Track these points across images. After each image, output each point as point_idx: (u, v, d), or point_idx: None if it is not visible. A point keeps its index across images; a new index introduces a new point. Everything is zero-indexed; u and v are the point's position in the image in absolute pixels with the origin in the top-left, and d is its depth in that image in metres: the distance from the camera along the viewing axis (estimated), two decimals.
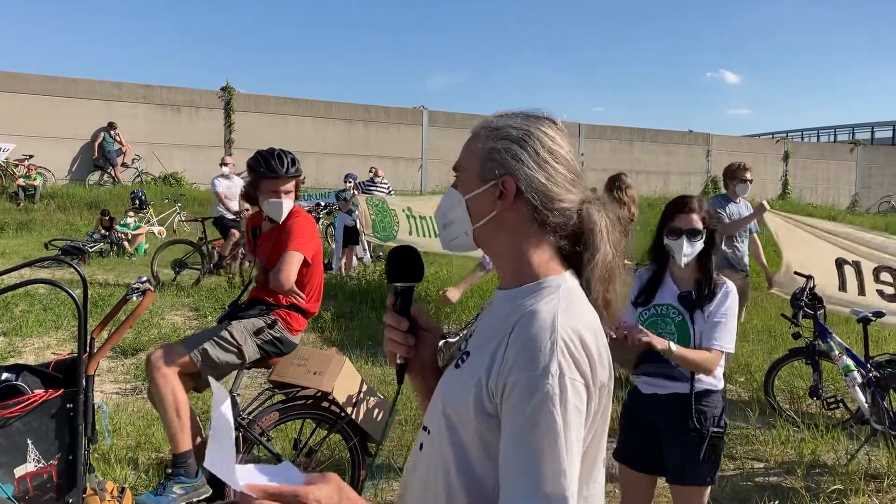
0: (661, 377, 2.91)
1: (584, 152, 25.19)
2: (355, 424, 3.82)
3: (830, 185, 30.22)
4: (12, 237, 14.52)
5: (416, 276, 1.46)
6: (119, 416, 5.17)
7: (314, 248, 3.80)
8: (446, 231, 1.44)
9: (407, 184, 22.01)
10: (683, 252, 2.93)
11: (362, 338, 7.74)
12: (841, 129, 40.01)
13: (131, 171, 19.21)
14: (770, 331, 8.32)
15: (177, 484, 3.47)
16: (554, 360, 1.19)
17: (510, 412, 1.20)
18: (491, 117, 1.42)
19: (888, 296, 5.64)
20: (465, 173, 1.40)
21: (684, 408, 2.90)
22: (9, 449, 2.95)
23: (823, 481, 4.52)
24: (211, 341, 3.60)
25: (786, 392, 6.24)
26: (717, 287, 2.96)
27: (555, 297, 1.29)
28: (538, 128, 1.37)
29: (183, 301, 9.45)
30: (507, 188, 1.34)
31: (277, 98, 21.68)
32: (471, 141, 1.41)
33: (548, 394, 1.18)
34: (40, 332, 7.57)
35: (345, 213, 11.98)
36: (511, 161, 1.35)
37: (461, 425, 1.29)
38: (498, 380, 1.23)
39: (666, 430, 2.95)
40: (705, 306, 2.92)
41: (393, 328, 1.44)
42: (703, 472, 2.91)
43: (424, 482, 1.36)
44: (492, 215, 1.36)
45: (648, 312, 3.01)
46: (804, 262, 6.30)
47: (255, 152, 3.85)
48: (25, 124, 17.89)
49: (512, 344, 1.24)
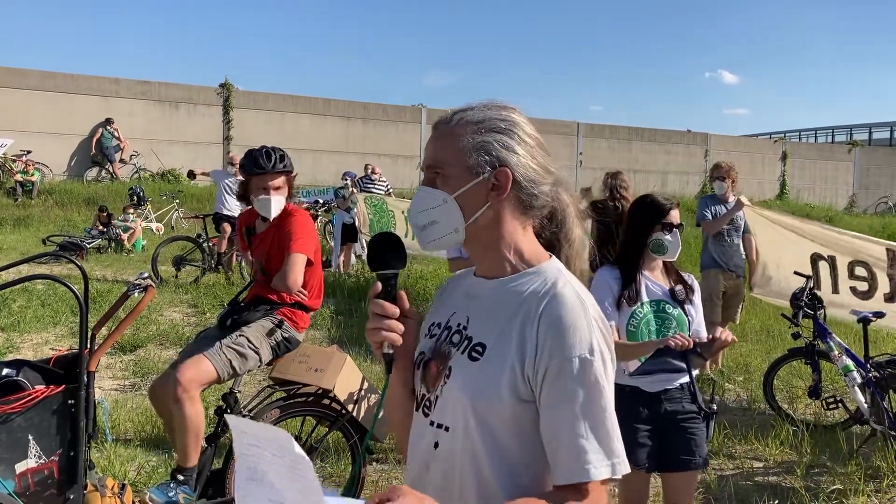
0: (664, 372, 2.95)
1: (582, 151, 25.22)
2: (356, 422, 3.82)
3: (828, 185, 30.25)
4: (10, 233, 14.48)
5: (399, 262, 1.44)
6: (118, 412, 5.17)
7: (314, 246, 3.80)
8: (427, 231, 1.41)
9: (405, 182, 21.98)
10: (676, 244, 3.08)
11: (361, 335, 7.67)
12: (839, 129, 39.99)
13: (129, 167, 19.16)
14: (768, 330, 8.33)
15: (182, 493, 3.47)
16: (594, 339, 1.29)
17: (562, 392, 1.27)
18: (459, 112, 1.42)
19: (860, 293, 5.63)
20: (449, 169, 1.38)
21: (689, 394, 3.03)
22: (10, 445, 2.94)
23: (823, 481, 4.53)
24: (233, 353, 3.59)
25: (785, 392, 6.25)
26: (692, 280, 3.19)
27: (562, 278, 1.36)
28: (517, 115, 1.41)
29: (182, 298, 9.43)
30: (502, 179, 1.36)
31: (276, 95, 21.64)
32: (447, 138, 1.39)
33: (597, 370, 1.28)
34: (38, 328, 7.56)
35: (343, 210, 11.97)
36: (504, 151, 1.37)
37: (494, 417, 1.31)
38: (536, 365, 1.29)
39: (675, 419, 3.03)
40: (693, 298, 3.12)
41: (381, 316, 1.40)
42: (706, 454, 3.07)
43: (445, 480, 1.36)
44: (485, 208, 1.37)
45: (645, 308, 3.04)
46: (780, 259, 6.32)
47: (246, 151, 3.86)
48: (23, 120, 17.83)
49: (546, 329, 1.30)
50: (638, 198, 3.26)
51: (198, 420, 3.46)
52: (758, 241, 6.54)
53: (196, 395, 3.47)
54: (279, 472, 1.09)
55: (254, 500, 1.10)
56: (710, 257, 6.41)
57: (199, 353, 3.55)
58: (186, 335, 7.36)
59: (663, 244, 3.06)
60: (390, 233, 1.49)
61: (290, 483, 1.08)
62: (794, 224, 6.23)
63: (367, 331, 1.41)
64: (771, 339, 7.98)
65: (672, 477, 3.08)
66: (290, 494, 1.08)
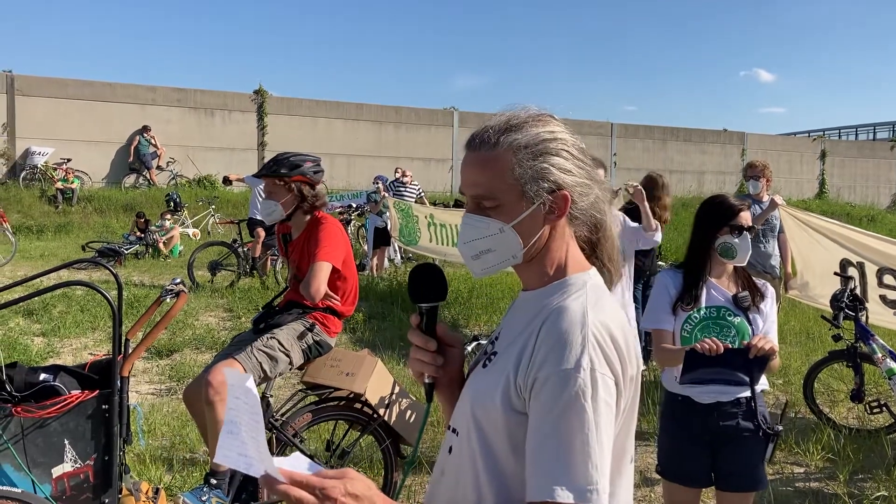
0: (720, 383, 2.80)
1: (616, 152, 25.01)
2: (388, 426, 3.80)
3: (869, 183, 29.60)
4: (51, 239, 14.80)
5: (440, 294, 1.44)
6: (154, 416, 5.22)
7: (343, 254, 3.76)
8: (481, 259, 1.37)
9: (437, 185, 22.01)
10: (747, 247, 2.94)
11: (394, 339, 7.74)
12: (881, 126, 39.10)
13: (166, 173, 19.47)
14: (808, 332, 8.17)
15: (215, 497, 3.48)
16: (585, 355, 1.21)
17: (541, 406, 1.21)
18: (503, 133, 1.33)
19: (891, 301, 5.44)
20: (503, 197, 1.32)
21: (748, 411, 2.85)
22: (46, 449, 2.98)
23: (867, 487, 4.41)
24: (264, 355, 3.59)
25: (826, 395, 6.10)
26: (765, 287, 2.99)
27: (582, 293, 1.32)
28: (560, 129, 1.37)
29: (217, 302, 9.53)
30: (561, 203, 1.33)
31: (309, 101, 21.82)
32: (496, 165, 1.32)
33: (579, 388, 1.19)
34: (77, 333, 7.69)
35: (375, 214, 12.02)
36: (561, 175, 1.33)
37: (489, 424, 1.30)
38: (527, 376, 1.25)
39: (730, 436, 2.87)
40: (761, 306, 2.93)
41: (420, 348, 1.43)
42: (763, 475, 2.91)
43: (454, 484, 1.36)
44: (542, 231, 1.34)
45: (701, 314, 2.91)
46: (810, 262, 6.16)
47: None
48: (63, 128, 18.23)
49: (542, 340, 1.26)
50: (706, 199, 3.14)
51: None
52: (790, 241, 6.41)
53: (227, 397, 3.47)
54: (248, 422, 1.13)
55: (224, 452, 1.14)
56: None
57: (230, 357, 3.57)
58: (222, 339, 7.43)
59: (732, 247, 2.92)
60: (432, 264, 1.48)
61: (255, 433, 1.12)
62: (825, 227, 6.07)
63: (410, 360, 1.45)
64: (811, 342, 7.82)
65: (724, 496, 2.94)
66: (252, 446, 1.12)
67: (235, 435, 1.14)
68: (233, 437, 1.14)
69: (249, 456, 1.12)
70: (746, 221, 2.96)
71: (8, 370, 3.13)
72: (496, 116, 1.38)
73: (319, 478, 1.12)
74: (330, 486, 1.11)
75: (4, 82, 17.98)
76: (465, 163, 1.37)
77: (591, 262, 1.42)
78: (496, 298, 9.43)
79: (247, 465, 1.12)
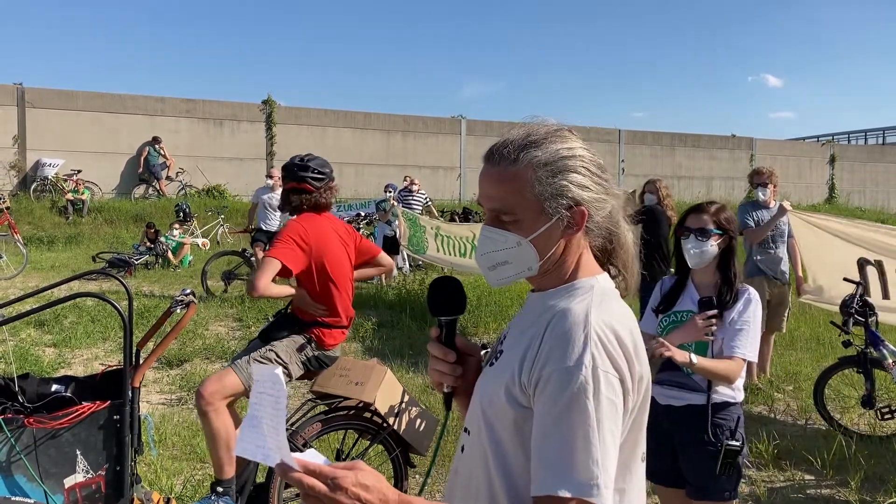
0: (675, 387, 2.82)
1: (625, 159, 24.99)
2: (397, 435, 3.81)
3: (879, 188, 29.48)
4: (62, 250, 14.89)
5: (459, 308, 1.48)
6: (165, 426, 5.24)
7: (295, 255, 3.63)
8: (497, 270, 1.41)
9: (445, 193, 22.05)
10: (692, 250, 2.86)
11: (403, 347, 7.75)
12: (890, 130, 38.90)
13: (175, 184, 19.56)
14: (818, 338, 8.13)
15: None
16: (587, 353, 1.24)
17: (544, 403, 1.25)
18: (522, 149, 1.35)
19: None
20: (522, 213, 1.35)
21: (700, 421, 2.79)
22: (58, 459, 3.00)
23: (879, 494, 4.39)
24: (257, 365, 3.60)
25: (836, 401, 6.07)
26: (738, 294, 2.87)
27: (588, 295, 1.35)
28: (578, 145, 1.39)
29: (227, 312, 9.57)
30: (578, 218, 1.36)
31: (318, 110, 21.90)
32: (515, 182, 1.34)
33: (581, 384, 1.22)
34: (88, 344, 7.73)
35: (384, 223, 12.04)
36: (579, 191, 1.36)
37: (497, 420, 1.33)
38: (531, 373, 1.28)
39: (681, 443, 2.85)
40: (726, 312, 2.82)
41: (439, 359, 1.47)
42: (722, 487, 2.80)
43: (467, 483, 1.40)
44: (558, 245, 1.37)
45: (668, 319, 2.95)
46: (826, 265, 6.12)
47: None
48: (73, 140, 18.36)
49: (546, 339, 1.30)
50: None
51: (226, 432, 3.47)
52: (800, 245, 6.38)
53: (221, 406, 3.47)
54: (270, 413, 1.17)
55: (243, 444, 1.19)
56: (755, 266, 6.24)
57: (229, 366, 3.61)
58: (231, 349, 7.46)
59: (686, 251, 2.90)
60: (452, 278, 1.51)
61: (276, 424, 1.15)
62: (839, 228, 6.05)
63: (429, 370, 1.50)
64: (821, 347, 7.79)
65: (688, 500, 2.90)
66: (271, 437, 1.16)
67: (256, 427, 1.18)
68: (253, 429, 1.18)
69: (267, 447, 1.16)
70: (693, 223, 2.89)
71: (20, 381, 3.16)
72: (515, 129, 1.40)
73: (332, 468, 1.15)
74: (341, 475, 1.13)
75: (15, 95, 18.13)
76: (484, 176, 1.39)
77: (605, 269, 1.45)
78: (505, 306, 9.43)
79: (264, 455, 1.16)
